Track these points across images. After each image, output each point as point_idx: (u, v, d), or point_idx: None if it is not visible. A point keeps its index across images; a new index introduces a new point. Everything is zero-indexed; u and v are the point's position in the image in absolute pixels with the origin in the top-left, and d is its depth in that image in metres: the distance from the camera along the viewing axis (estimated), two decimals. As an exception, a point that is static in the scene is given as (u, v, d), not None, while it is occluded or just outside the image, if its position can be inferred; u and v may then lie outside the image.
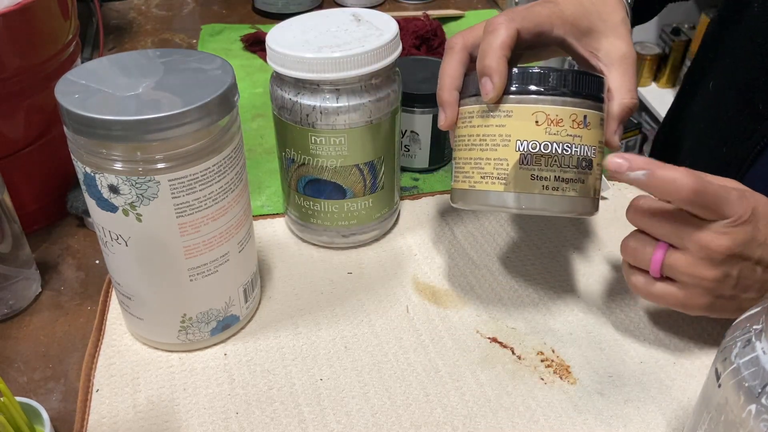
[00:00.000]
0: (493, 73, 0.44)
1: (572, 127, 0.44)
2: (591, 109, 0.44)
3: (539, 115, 0.44)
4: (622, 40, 0.49)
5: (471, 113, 0.46)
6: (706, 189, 0.41)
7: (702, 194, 0.41)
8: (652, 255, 0.45)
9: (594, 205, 0.46)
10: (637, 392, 0.48)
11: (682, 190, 0.41)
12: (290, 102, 0.53)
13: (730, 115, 0.57)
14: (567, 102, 0.44)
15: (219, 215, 0.46)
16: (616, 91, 0.47)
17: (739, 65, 0.57)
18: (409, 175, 0.70)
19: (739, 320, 0.35)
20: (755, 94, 0.54)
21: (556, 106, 0.43)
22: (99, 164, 0.41)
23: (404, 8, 1.08)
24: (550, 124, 0.44)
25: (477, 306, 0.55)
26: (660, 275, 0.46)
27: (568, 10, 0.49)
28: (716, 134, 0.59)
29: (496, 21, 0.46)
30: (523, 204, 0.44)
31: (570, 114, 0.44)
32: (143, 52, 0.47)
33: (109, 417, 0.47)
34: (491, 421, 0.46)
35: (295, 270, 0.59)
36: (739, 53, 0.57)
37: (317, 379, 0.49)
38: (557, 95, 0.43)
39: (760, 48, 0.54)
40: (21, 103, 0.57)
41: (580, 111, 0.44)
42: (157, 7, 1.08)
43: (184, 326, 0.49)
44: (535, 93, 0.44)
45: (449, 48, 0.49)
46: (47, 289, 0.58)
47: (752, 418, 0.31)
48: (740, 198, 0.42)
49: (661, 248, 0.45)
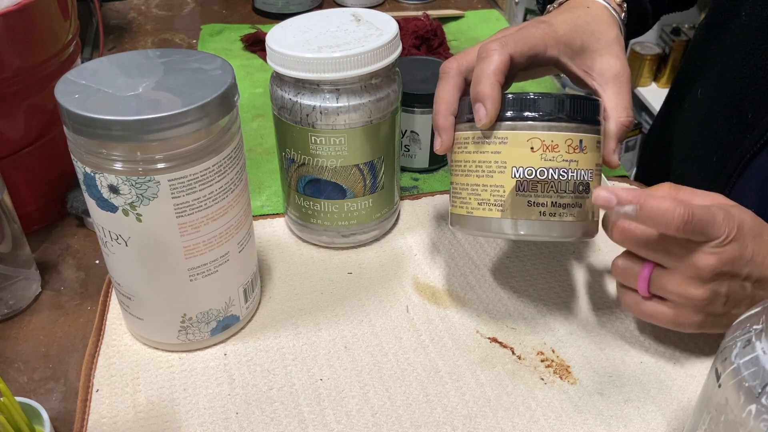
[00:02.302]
0: (485, 100, 0.44)
1: (568, 152, 0.44)
2: (587, 132, 0.44)
3: (534, 142, 0.44)
4: (616, 58, 0.49)
5: (467, 139, 0.46)
6: (694, 217, 0.41)
7: (690, 223, 0.41)
8: (639, 274, 0.46)
9: (593, 228, 0.46)
10: (637, 392, 0.48)
11: (671, 222, 0.41)
12: (290, 102, 0.53)
13: (719, 124, 0.57)
14: (562, 127, 0.43)
15: (219, 215, 0.46)
16: (611, 110, 0.47)
17: (727, 74, 0.57)
18: (409, 175, 0.70)
19: (739, 320, 0.35)
20: (744, 103, 0.54)
21: (551, 132, 0.43)
22: (99, 164, 0.41)
23: (404, 8, 1.08)
24: (546, 150, 0.43)
25: (477, 306, 0.55)
26: (649, 294, 0.46)
27: (561, 29, 0.49)
28: (706, 142, 0.58)
29: (489, 47, 0.46)
30: (521, 230, 0.44)
31: (566, 139, 0.43)
32: (143, 52, 0.47)
33: (109, 417, 0.47)
34: (491, 421, 0.46)
35: (295, 270, 0.59)
36: (727, 61, 0.57)
37: (317, 379, 0.49)
38: (552, 120, 0.43)
39: (748, 57, 0.54)
40: (21, 103, 0.57)
41: (575, 136, 0.44)
42: (157, 7, 1.08)
43: (184, 326, 0.49)
44: (530, 119, 0.44)
45: (444, 73, 0.49)
46: (47, 289, 0.58)
47: (752, 418, 0.31)
48: (726, 218, 0.42)
49: (647, 267, 0.45)
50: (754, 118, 0.52)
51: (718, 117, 0.57)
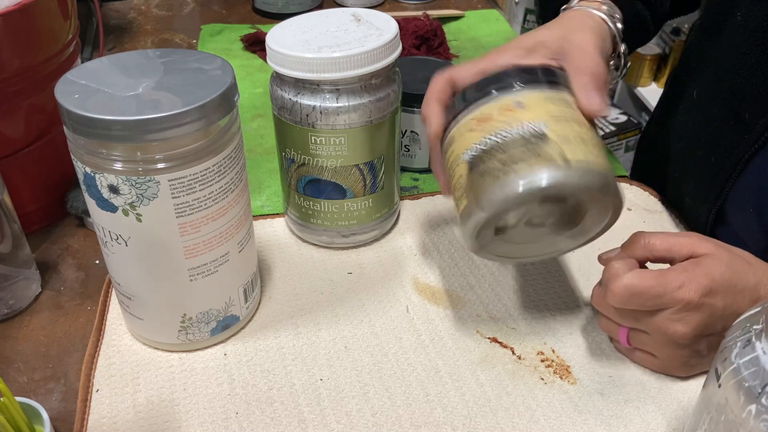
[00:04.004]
0: (427, 119, 0.48)
1: (502, 115, 0.43)
2: (521, 91, 0.43)
3: (471, 123, 0.44)
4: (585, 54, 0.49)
5: (444, 151, 0.48)
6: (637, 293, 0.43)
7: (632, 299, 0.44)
8: (619, 331, 0.48)
9: (574, 175, 0.40)
10: (637, 392, 0.48)
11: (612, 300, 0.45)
12: (290, 102, 0.53)
13: (715, 125, 0.56)
14: (492, 98, 0.44)
15: (219, 215, 0.46)
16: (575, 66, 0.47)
17: (723, 74, 0.56)
18: (409, 175, 0.70)
19: (739, 320, 0.35)
20: (741, 104, 0.54)
21: (482, 107, 0.44)
22: (99, 164, 0.41)
23: (404, 8, 1.08)
24: (481, 123, 0.43)
25: (477, 306, 0.55)
26: (632, 347, 0.49)
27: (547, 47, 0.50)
28: (703, 144, 0.58)
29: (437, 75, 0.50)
30: (484, 205, 0.41)
31: (498, 107, 0.43)
32: (143, 52, 0.47)
33: (109, 417, 0.47)
34: (491, 421, 0.46)
35: (295, 270, 0.59)
36: (722, 62, 0.57)
37: (317, 379, 0.49)
38: (480, 100, 0.44)
39: (744, 57, 0.54)
40: (21, 103, 0.57)
41: (509, 99, 0.43)
42: (157, 7, 1.08)
43: (184, 326, 0.49)
44: (463, 110, 0.45)
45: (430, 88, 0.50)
46: (47, 289, 0.58)
47: (752, 418, 0.31)
48: (686, 284, 0.43)
49: (623, 330, 0.48)
50: (751, 119, 0.52)
51: (715, 118, 0.57)
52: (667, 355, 0.47)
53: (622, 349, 0.50)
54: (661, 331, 0.45)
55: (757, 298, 0.43)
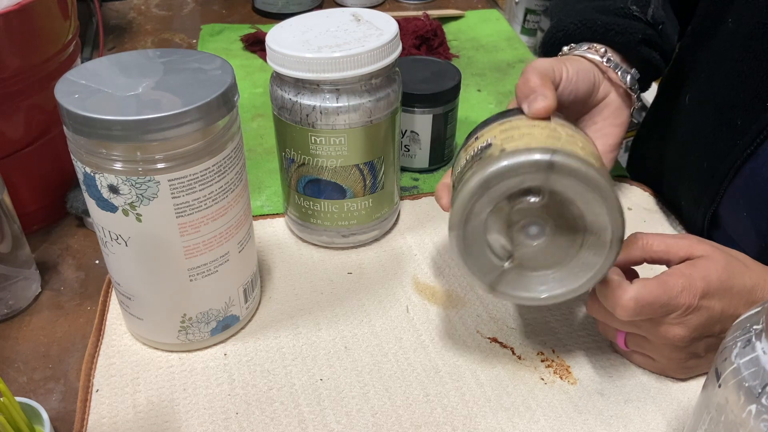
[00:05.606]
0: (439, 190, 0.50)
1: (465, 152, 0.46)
2: (477, 132, 0.46)
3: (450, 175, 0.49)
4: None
5: None
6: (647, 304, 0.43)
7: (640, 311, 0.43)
8: (616, 335, 0.49)
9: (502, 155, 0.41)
10: (637, 392, 0.48)
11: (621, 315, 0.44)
12: (290, 102, 0.53)
13: (708, 131, 0.57)
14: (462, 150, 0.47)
15: (219, 215, 0.46)
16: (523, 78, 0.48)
17: (715, 80, 0.56)
18: (409, 175, 0.70)
19: (739, 320, 0.35)
20: (733, 110, 0.54)
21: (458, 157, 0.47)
22: (99, 164, 0.41)
23: (404, 8, 1.08)
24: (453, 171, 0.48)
25: (477, 306, 0.55)
26: (630, 350, 0.49)
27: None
28: (696, 149, 0.58)
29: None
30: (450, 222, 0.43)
31: (463, 151, 0.47)
32: (143, 52, 0.47)
33: (109, 417, 0.47)
34: (491, 421, 0.46)
35: (295, 270, 0.59)
36: (714, 68, 0.57)
37: (317, 379, 0.49)
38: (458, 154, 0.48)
39: (736, 63, 0.54)
40: (21, 103, 0.57)
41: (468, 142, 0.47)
42: (157, 7, 1.08)
43: (184, 326, 0.49)
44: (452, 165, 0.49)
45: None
46: (47, 289, 0.58)
47: (752, 418, 0.31)
48: (686, 288, 0.43)
49: (621, 334, 0.48)
50: (744, 125, 0.52)
51: (707, 124, 0.57)
52: (665, 357, 0.47)
53: (623, 354, 0.51)
54: (659, 335, 0.45)
55: (753, 300, 0.44)
